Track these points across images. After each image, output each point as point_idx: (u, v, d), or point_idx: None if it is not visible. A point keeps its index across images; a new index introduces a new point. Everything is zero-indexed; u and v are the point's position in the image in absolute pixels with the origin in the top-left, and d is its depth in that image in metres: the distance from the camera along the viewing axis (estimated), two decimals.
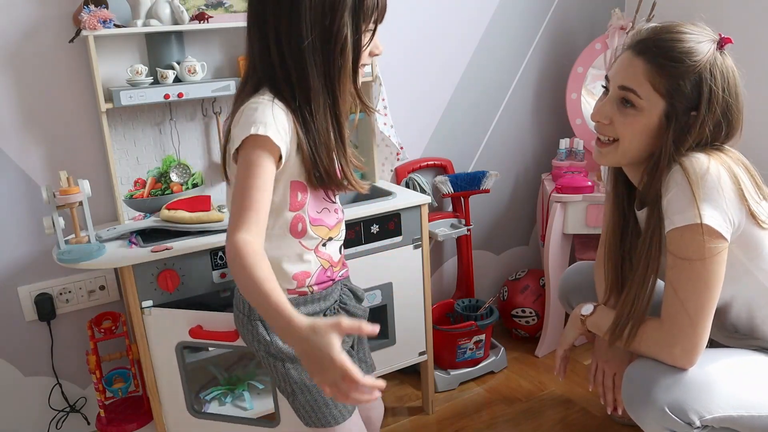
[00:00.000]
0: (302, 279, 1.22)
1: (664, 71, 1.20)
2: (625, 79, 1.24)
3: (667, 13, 2.24)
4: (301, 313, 1.10)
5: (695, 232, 1.15)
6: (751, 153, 1.32)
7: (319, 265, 1.24)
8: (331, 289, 1.28)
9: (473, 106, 2.33)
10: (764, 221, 1.21)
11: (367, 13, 1.12)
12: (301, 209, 1.18)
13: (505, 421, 1.95)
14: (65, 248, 1.52)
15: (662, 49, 1.21)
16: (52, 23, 1.66)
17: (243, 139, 1.05)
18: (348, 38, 1.10)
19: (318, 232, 1.22)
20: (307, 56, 1.09)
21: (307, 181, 1.15)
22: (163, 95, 1.63)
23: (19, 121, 1.69)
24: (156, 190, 1.78)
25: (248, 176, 1.04)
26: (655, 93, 1.21)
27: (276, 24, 1.09)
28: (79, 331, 1.86)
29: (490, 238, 2.52)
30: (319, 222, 1.22)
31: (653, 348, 1.24)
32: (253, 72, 1.15)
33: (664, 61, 1.20)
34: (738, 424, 1.20)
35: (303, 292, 1.23)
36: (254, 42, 1.14)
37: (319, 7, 1.08)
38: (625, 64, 1.25)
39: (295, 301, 1.20)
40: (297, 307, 1.12)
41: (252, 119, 1.06)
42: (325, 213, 1.23)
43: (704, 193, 1.15)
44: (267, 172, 1.06)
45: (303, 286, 1.22)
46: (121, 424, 1.70)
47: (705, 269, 1.17)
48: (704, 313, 1.18)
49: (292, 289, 1.21)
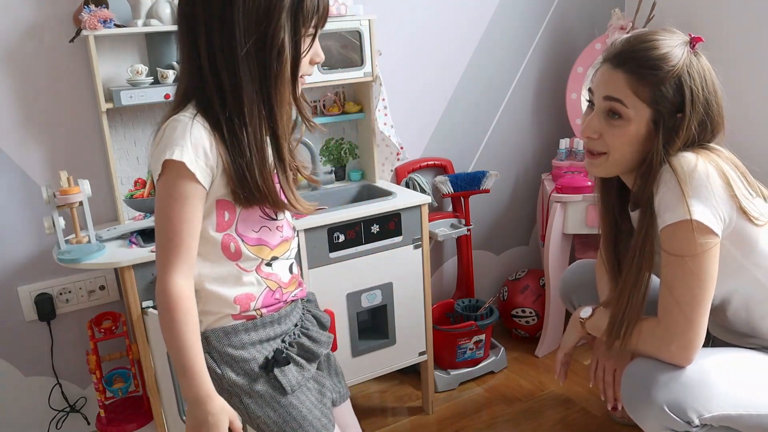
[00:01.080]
0: (245, 302, 1.11)
1: (644, 80, 1.21)
2: (609, 90, 1.25)
3: (667, 13, 2.24)
4: (251, 339, 1.11)
5: (686, 228, 1.16)
6: (751, 152, 1.32)
7: (264, 287, 1.13)
8: (285, 311, 1.16)
9: (473, 106, 2.33)
10: (756, 217, 1.22)
11: (306, 17, 1.02)
12: (229, 229, 1.07)
13: (505, 421, 1.95)
14: (65, 248, 1.52)
15: (639, 59, 1.22)
16: (52, 23, 1.66)
17: (161, 163, 0.99)
18: (285, 43, 1.01)
19: (257, 252, 1.11)
20: (241, 63, 1.00)
21: (234, 200, 1.05)
22: (163, 95, 1.63)
23: (19, 120, 1.69)
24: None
25: (171, 207, 0.99)
26: (639, 101, 1.23)
27: (207, 28, 1.00)
28: (79, 331, 1.86)
29: (490, 238, 2.52)
30: (258, 242, 1.10)
31: (651, 346, 1.25)
32: (182, 82, 1.06)
33: (643, 69, 1.21)
34: (737, 422, 1.20)
35: (251, 316, 1.12)
36: (183, 46, 1.04)
37: (254, 10, 0.99)
38: (606, 77, 1.26)
39: (243, 326, 1.10)
40: (247, 332, 1.10)
41: (170, 141, 0.99)
42: (264, 232, 1.11)
43: (693, 190, 1.17)
44: (190, 201, 0.99)
45: (248, 309, 1.11)
46: (121, 424, 1.70)
47: (697, 265, 1.18)
48: (699, 309, 1.19)
49: (237, 314, 1.10)
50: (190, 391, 1.00)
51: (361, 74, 1.87)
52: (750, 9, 2.07)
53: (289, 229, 1.17)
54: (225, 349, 1.09)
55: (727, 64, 1.29)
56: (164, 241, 0.99)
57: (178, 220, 0.99)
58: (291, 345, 1.15)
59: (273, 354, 1.12)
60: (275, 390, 1.11)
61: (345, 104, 2.01)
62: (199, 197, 1.01)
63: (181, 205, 0.99)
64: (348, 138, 2.10)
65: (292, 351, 1.14)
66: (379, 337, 1.86)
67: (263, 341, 1.12)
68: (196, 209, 1.01)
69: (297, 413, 1.12)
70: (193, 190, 0.99)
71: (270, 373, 1.10)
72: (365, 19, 1.83)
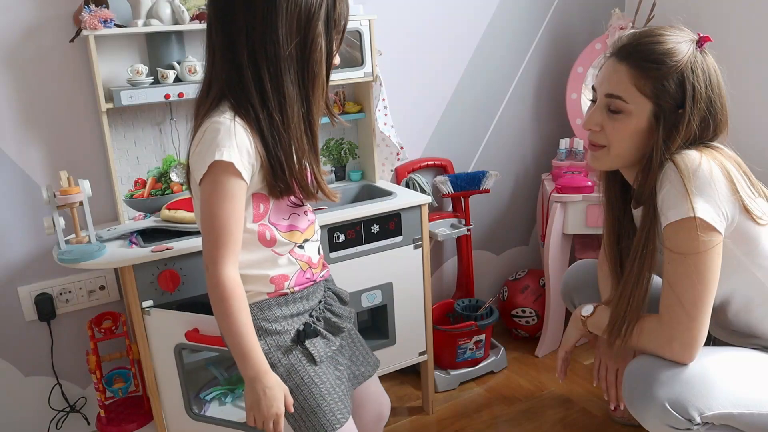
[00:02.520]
0: (280, 282, 1.20)
1: (647, 74, 1.22)
2: (610, 87, 1.26)
3: (667, 13, 2.24)
4: (284, 313, 1.21)
5: (689, 226, 1.17)
6: (754, 152, 1.32)
7: (297, 268, 1.23)
8: (312, 289, 1.26)
9: (473, 106, 2.33)
10: (759, 217, 1.22)
11: (338, 23, 1.13)
12: (263, 219, 1.17)
13: (505, 421, 1.95)
14: (66, 248, 1.52)
15: (643, 53, 1.23)
16: (52, 23, 1.66)
17: (209, 164, 1.06)
18: (323, 47, 1.11)
19: (290, 237, 1.20)
20: (284, 64, 1.08)
21: (269, 192, 1.14)
22: (163, 95, 1.63)
23: (19, 120, 1.69)
24: (156, 190, 1.78)
25: (220, 204, 1.07)
26: (641, 95, 1.23)
27: (248, 30, 1.07)
28: (79, 331, 1.86)
29: (490, 238, 2.52)
30: (290, 228, 1.20)
31: (653, 343, 1.25)
32: (216, 78, 1.13)
33: (647, 63, 1.22)
34: (738, 421, 1.20)
35: (283, 293, 1.21)
36: (220, 48, 1.11)
37: (295, 15, 1.07)
38: (610, 72, 1.27)
39: (276, 302, 1.20)
40: (280, 307, 1.19)
41: (215, 143, 1.06)
42: (294, 218, 1.21)
43: (696, 188, 1.17)
44: (237, 197, 1.09)
45: (282, 288, 1.21)
46: (121, 424, 1.70)
47: (700, 263, 1.18)
48: (701, 306, 1.19)
49: (272, 292, 1.20)
50: (248, 370, 1.11)
51: (361, 74, 1.86)
52: (751, 9, 2.07)
53: (311, 212, 1.28)
54: (259, 323, 1.18)
55: (728, 64, 1.29)
56: (215, 237, 1.08)
57: (227, 216, 1.08)
58: (318, 319, 1.25)
59: (303, 327, 1.22)
60: (307, 360, 1.21)
61: (345, 104, 2.01)
62: (243, 193, 1.10)
63: (230, 201, 1.08)
64: (348, 138, 2.10)
65: (319, 325, 1.24)
66: (379, 337, 1.86)
67: (294, 315, 1.22)
68: (241, 204, 1.10)
69: (317, 392, 1.21)
70: (239, 187, 1.09)
71: (302, 344, 1.21)
72: (365, 19, 1.83)
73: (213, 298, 1.10)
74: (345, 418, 1.23)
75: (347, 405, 1.25)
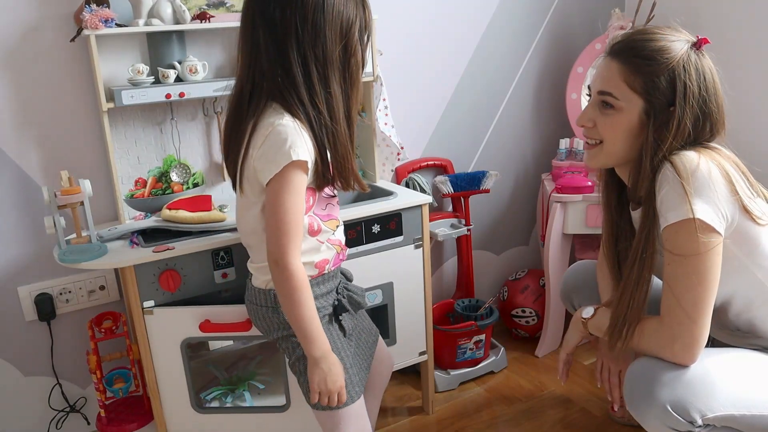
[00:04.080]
0: (322, 266, 1.33)
1: (638, 69, 1.23)
2: (602, 84, 1.28)
3: (667, 13, 2.24)
4: (321, 291, 1.34)
5: (689, 227, 1.17)
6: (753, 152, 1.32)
7: (334, 252, 1.36)
8: (337, 269, 1.40)
9: (473, 106, 2.33)
10: (759, 217, 1.22)
11: (369, 29, 1.26)
12: (310, 211, 1.28)
13: (505, 421, 1.95)
14: (66, 248, 1.52)
15: (635, 49, 1.24)
16: (52, 23, 1.66)
17: (284, 165, 1.16)
18: (360, 52, 1.24)
19: (330, 226, 1.33)
20: (330, 67, 1.20)
21: (317, 185, 1.26)
22: (164, 95, 1.63)
23: (19, 120, 1.68)
24: (157, 190, 1.78)
25: (291, 200, 1.18)
26: (632, 92, 1.24)
27: (299, 36, 1.17)
28: (79, 331, 1.86)
29: (490, 238, 2.52)
30: (329, 217, 1.33)
31: (654, 345, 1.25)
32: (258, 79, 1.21)
33: (638, 59, 1.23)
34: (740, 423, 1.20)
35: (322, 273, 1.34)
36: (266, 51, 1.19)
37: (338, 23, 1.19)
38: (602, 70, 1.29)
39: (315, 281, 1.32)
40: (318, 286, 1.33)
41: (288, 144, 1.16)
42: (330, 208, 1.34)
43: (695, 189, 1.17)
44: (302, 192, 1.21)
45: (323, 271, 1.34)
46: (121, 424, 1.70)
47: (700, 264, 1.18)
48: (702, 307, 1.19)
49: (314, 275, 1.32)
50: (315, 350, 1.24)
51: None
52: (751, 9, 2.08)
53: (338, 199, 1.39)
54: None
55: (728, 64, 1.29)
56: (284, 229, 1.18)
57: (295, 210, 1.19)
58: (343, 297, 1.39)
59: (337, 302, 1.36)
60: (340, 333, 1.35)
61: None
62: (305, 188, 1.23)
63: (298, 196, 1.20)
64: None
65: (344, 301, 1.39)
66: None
67: (326, 294, 1.35)
68: (303, 199, 1.22)
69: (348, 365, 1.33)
70: (304, 183, 1.21)
71: (337, 319, 1.35)
72: None
73: (285, 289, 1.21)
74: (362, 391, 1.36)
75: (363, 379, 1.39)
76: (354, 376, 1.34)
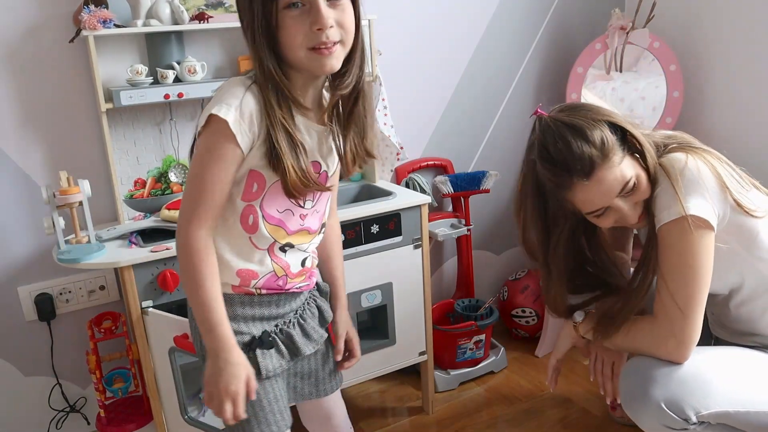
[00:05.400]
0: (246, 278, 1.11)
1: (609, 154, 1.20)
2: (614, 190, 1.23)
3: (667, 13, 2.24)
4: (245, 313, 1.12)
5: (682, 225, 1.18)
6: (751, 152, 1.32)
7: (270, 270, 1.12)
8: (284, 298, 1.15)
9: (473, 106, 2.33)
10: (753, 209, 1.23)
11: None
12: (255, 201, 1.07)
13: (505, 421, 1.95)
14: (65, 248, 1.52)
15: (589, 156, 1.19)
16: (52, 23, 1.66)
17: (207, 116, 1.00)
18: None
19: (273, 233, 1.10)
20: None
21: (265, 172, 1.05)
22: (163, 95, 1.63)
23: (19, 121, 1.69)
24: (156, 190, 1.78)
25: (206, 162, 1.01)
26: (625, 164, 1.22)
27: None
28: (79, 331, 1.86)
29: (490, 238, 2.51)
30: (277, 222, 1.10)
31: (647, 344, 1.26)
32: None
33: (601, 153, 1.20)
34: (735, 420, 1.21)
35: (249, 292, 1.12)
36: None
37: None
38: (595, 189, 1.22)
39: (240, 299, 1.11)
40: (243, 306, 1.10)
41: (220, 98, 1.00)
42: (287, 215, 1.10)
43: (686, 186, 1.19)
44: (225, 159, 1.01)
45: (248, 285, 1.11)
46: (121, 424, 1.70)
47: (693, 260, 1.19)
48: (695, 304, 1.20)
49: (236, 286, 1.11)
50: (211, 341, 1.03)
51: None
52: (749, 9, 2.07)
53: (315, 222, 1.15)
54: None
55: (728, 64, 1.29)
56: (193, 195, 1.02)
57: (209, 176, 1.00)
58: (281, 332, 1.15)
59: (261, 335, 1.12)
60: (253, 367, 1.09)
61: None
62: (233, 159, 1.01)
63: (216, 162, 1.00)
64: None
65: (279, 337, 1.14)
66: (379, 337, 1.86)
67: (256, 319, 1.13)
68: (228, 169, 1.01)
69: (257, 401, 1.11)
70: (231, 151, 1.00)
71: (251, 352, 1.10)
72: (365, 19, 1.82)
73: (181, 260, 1.03)
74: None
75: (287, 421, 1.17)
76: (271, 415, 1.14)
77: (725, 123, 2.16)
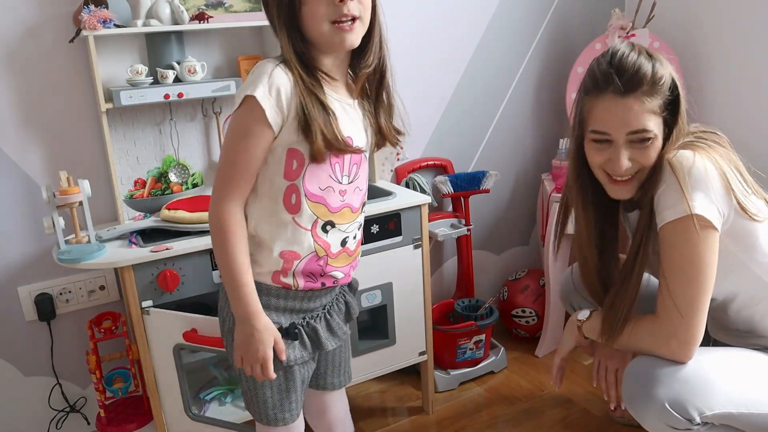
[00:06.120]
0: (289, 259, 1.14)
1: (653, 93, 1.21)
2: (632, 124, 1.21)
3: (667, 13, 2.24)
4: (278, 305, 1.17)
5: (687, 224, 1.17)
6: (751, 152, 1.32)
7: (312, 251, 1.15)
8: (319, 293, 1.21)
9: (473, 106, 2.33)
10: (755, 213, 1.23)
11: None
12: (296, 179, 1.11)
13: (505, 421, 1.95)
14: (65, 248, 1.52)
15: (641, 78, 1.20)
16: (52, 23, 1.66)
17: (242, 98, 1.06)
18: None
19: (315, 210, 1.14)
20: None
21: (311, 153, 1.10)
22: (163, 95, 1.63)
23: (19, 121, 1.69)
24: (156, 190, 1.78)
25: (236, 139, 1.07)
26: (657, 116, 1.22)
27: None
28: (79, 331, 1.86)
29: (490, 238, 2.51)
30: (319, 199, 1.13)
31: (650, 343, 1.25)
32: None
33: (648, 86, 1.20)
34: (738, 421, 1.21)
35: (287, 285, 1.16)
36: None
37: None
38: (620, 110, 1.21)
39: (276, 292, 1.16)
40: (278, 298, 1.16)
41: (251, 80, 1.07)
42: (328, 192, 1.14)
43: (692, 186, 1.18)
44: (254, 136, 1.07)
45: (290, 269, 1.15)
46: (121, 424, 1.70)
47: (697, 260, 1.19)
48: (698, 303, 1.20)
49: (277, 272, 1.15)
50: (239, 308, 1.10)
51: None
52: (749, 8, 2.07)
53: (356, 200, 1.21)
54: None
55: (728, 64, 1.29)
56: (224, 171, 1.09)
57: (238, 151, 1.07)
58: (308, 325, 1.21)
59: (288, 326, 1.18)
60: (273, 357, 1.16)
61: None
62: (261, 133, 1.07)
63: (243, 138, 1.07)
64: None
65: (305, 330, 1.20)
66: (379, 337, 1.86)
67: (287, 310, 1.19)
68: (257, 144, 1.07)
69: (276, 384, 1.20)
70: (259, 125, 1.06)
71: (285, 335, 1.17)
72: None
73: (213, 233, 1.10)
74: (292, 419, 1.24)
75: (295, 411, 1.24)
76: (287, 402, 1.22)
77: (725, 123, 2.16)
